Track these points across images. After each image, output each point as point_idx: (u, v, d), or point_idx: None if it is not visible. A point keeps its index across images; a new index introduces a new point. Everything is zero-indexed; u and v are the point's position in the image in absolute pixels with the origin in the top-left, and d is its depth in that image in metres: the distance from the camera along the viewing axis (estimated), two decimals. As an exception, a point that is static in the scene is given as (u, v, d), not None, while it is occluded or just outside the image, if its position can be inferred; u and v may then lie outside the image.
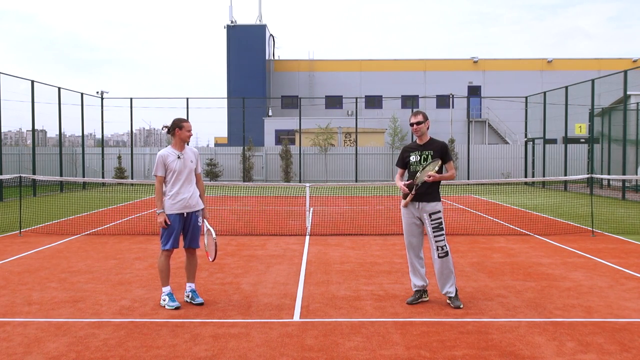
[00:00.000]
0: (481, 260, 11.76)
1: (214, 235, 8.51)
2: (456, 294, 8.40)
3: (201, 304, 8.43)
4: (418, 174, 8.36)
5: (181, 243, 8.61)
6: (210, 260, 8.68)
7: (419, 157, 8.48)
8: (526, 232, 15.69)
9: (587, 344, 6.71)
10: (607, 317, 7.83)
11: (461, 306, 8.23)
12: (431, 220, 8.37)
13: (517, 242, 14.12)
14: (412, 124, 8.50)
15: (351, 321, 7.64)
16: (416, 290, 8.59)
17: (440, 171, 8.43)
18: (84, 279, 10.10)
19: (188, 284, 8.64)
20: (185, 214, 8.40)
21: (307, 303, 8.55)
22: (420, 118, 8.47)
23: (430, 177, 8.23)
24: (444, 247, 8.35)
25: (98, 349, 6.56)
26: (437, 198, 8.49)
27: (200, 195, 8.64)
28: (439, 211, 8.43)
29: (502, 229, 16.40)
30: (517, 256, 12.26)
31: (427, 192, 8.38)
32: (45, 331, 7.21)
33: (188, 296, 8.57)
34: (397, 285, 9.61)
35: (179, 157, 8.39)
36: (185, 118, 8.33)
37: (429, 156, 8.41)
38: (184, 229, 8.47)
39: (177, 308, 8.22)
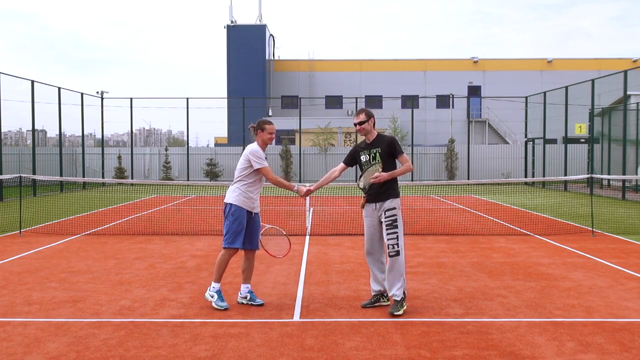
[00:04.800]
0: (481, 260, 11.76)
1: (284, 233, 8.89)
2: (402, 299, 7.99)
3: (261, 305, 8.36)
4: (362, 179, 8.30)
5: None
6: (280, 257, 8.88)
7: (368, 157, 8.26)
8: (526, 232, 15.69)
9: (587, 344, 6.71)
10: (607, 317, 7.83)
11: (399, 313, 7.85)
12: (385, 217, 8.09)
13: (517, 242, 14.13)
14: (355, 124, 8.35)
15: (351, 321, 7.65)
16: (374, 294, 8.38)
17: (391, 169, 8.16)
18: (84, 279, 10.10)
19: (244, 285, 8.52)
20: (252, 213, 8.39)
21: (307, 303, 8.55)
22: (362, 117, 8.24)
23: (376, 177, 8.04)
24: (395, 246, 8.00)
25: (98, 349, 6.57)
26: (393, 195, 8.19)
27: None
28: (394, 208, 8.13)
29: (502, 229, 16.40)
30: (517, 256, 12.26)
31: (380, 191, 8.15)
32: (45, 331, 7.22)
33: (245, 297, 8.45)
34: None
35: (265, 158, 8.44)
36: (269, 120, 8.63)
37: (377, 154, 8.15)
38: (245, 228, 8.35)
39: (225, 309, 8.08)
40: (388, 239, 8.04)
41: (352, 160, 8.58)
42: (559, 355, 6.38)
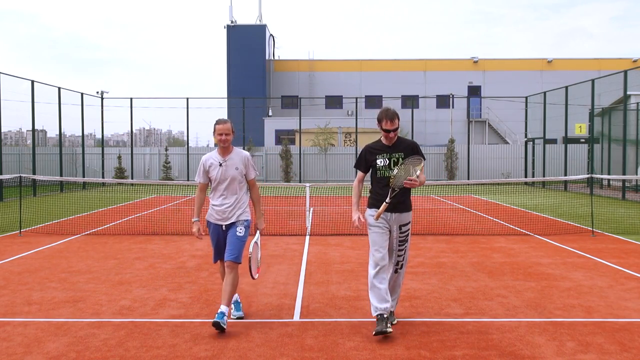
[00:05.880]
0: (481, 260, 11.76)
1: (250, 251, 7.49)
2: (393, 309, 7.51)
3: (215, 323, 7.06)
4: (394, 175, 7.13)
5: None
6: (252, 277, 7.65)
7: (387, 161, 7.28)
8: (526, 232, 15.69)
9: (587, 344, 6.71)
10: (607, 317, 7.83)
11: (393, 322, 7.39)
12: (400, 232, 7.38)
13: (517, 242, 14.12)
14: (388, 131, 7.23)
15: (351, 321, 7.65)
16: (379, 316, 7.07)
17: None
18: (84, 279, 10.10)
19: (221, 305, 7.36)
20: (224, 226, 7.56)
21: (307, 303, 8.55)
22: (397, 124, 7.25)
23: (412, 182, 7.04)
24: (401, 261, 7.48)
25: (98, 349, 6.57)
26: (410, 207, 7.46)
27: (254, 205, 7.85)
28: (410, 222, 7.46)
29: (502, 229, 16.40)
30: (517, 256, 12.26)
31: (402, 200, 7.26)
32: (45, 331, 7.22)
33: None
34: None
35: (220, 164, 7.54)
36: (224, 118, 7.70)
37: (400, 159, 7.22)
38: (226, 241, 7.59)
39: (239, 318, 7.67)
40: (398, 255, 7.44)
41: (368, 166, 7.49)
42: (559, 355, 6.38)
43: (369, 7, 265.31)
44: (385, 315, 7.01)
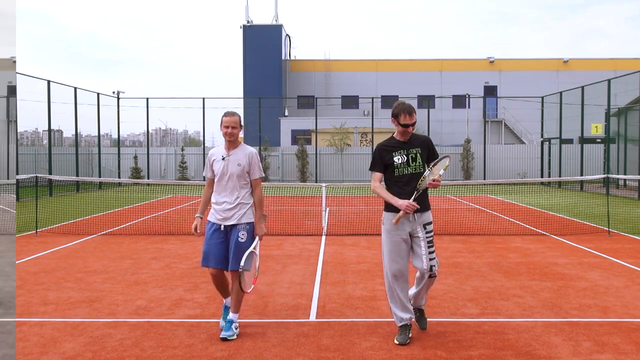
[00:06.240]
0: (497, 260, 11.72)
1: (241, 265, 6.91)
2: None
3: (223, 339, 6.92)
4: (424, 176, 6.76)
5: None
6: (245, 290, 7.01)
7: (405, 157, 6.89)
8: (542, 232, 15.63)
9: (603, 344, 6.68)
10: (623, 317, 7.79)
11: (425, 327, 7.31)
12: (426, 233, 6.90)
13: (533, 242, 14.06)
14: (406, 126, 6.86)
15: (367, 321, 7.64)
16: (403, 326, 6.93)
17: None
18: (100, 279, 10.14)
19: (230, 312, 7.25)
20: (222, 226, 7.15)
21: (323, 303, 8.55)
22: (415, 117, 6.91)
23: (435, 182, 6.71)
24: (434, 265, 6.94)
25: (114, 349, 6.59)
26: (429, 205, 7.09)
27: (256, 207, 7.30)
28: (432, 222, 7.04)
29: (518, 229, 16.34)
30: (533, 256, 12.21)
31: (422, 199, 6.88)
32: (61, 331, 7.25)
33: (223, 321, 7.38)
34: (413, 286, 9.57)
35: (223, 158, 7.22)
36: (233, 111, 7.29)
37: (418, 155, 6.89)
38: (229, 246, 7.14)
39: (223, 339, 6.99)
40: (430, 259, 6.88)
41: (384, 165, 6.97)
42: (575, 355, 6.35)
43: (385, 7, 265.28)
44: (409, 324, 6.90)
